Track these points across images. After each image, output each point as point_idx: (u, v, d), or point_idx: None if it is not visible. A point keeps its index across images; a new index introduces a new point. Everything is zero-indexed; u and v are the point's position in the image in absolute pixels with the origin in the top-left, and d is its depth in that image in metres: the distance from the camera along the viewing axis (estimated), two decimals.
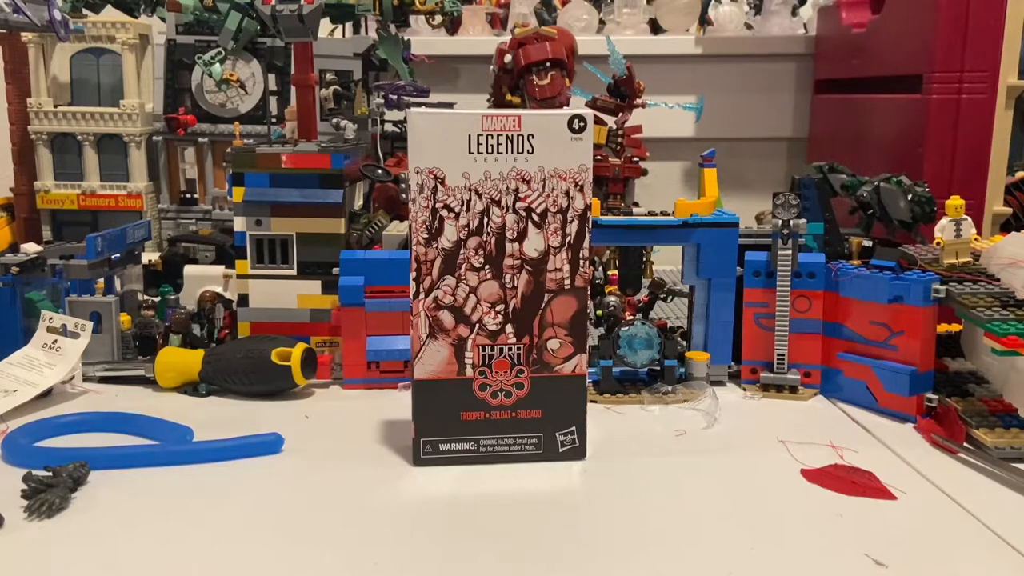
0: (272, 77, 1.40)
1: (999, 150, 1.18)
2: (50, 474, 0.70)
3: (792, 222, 0.92)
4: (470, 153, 0.73)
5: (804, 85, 1.76)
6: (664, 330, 0.96)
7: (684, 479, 0.74)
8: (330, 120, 1.26)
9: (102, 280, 1.04)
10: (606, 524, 0.66)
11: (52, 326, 0.93)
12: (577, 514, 0.68)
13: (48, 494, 0.67)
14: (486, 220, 0.74)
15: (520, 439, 0.77)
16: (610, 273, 1.17)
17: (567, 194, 0.74)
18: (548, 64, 1.17)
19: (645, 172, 1.23)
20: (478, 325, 0.75)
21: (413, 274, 0.74)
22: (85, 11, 1.25)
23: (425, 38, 1.68)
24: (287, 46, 1.31)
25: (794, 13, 1.75)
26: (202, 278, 1.11)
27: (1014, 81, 1.16)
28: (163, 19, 1.35)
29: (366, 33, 1.55)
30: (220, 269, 1.13)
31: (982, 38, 1.16)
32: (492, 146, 0.73)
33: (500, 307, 0.75)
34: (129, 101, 1.41)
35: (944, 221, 0.91)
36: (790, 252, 0.92)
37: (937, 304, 0.86)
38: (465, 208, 0.74)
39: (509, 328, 0.76)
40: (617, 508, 0.69)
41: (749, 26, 1.77)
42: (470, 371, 0.76)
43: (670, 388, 0.92)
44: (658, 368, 0.94)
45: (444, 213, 0.73)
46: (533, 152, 0.73)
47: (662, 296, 1.13)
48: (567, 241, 0.75)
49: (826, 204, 1.04)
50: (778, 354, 0.93)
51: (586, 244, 0.75)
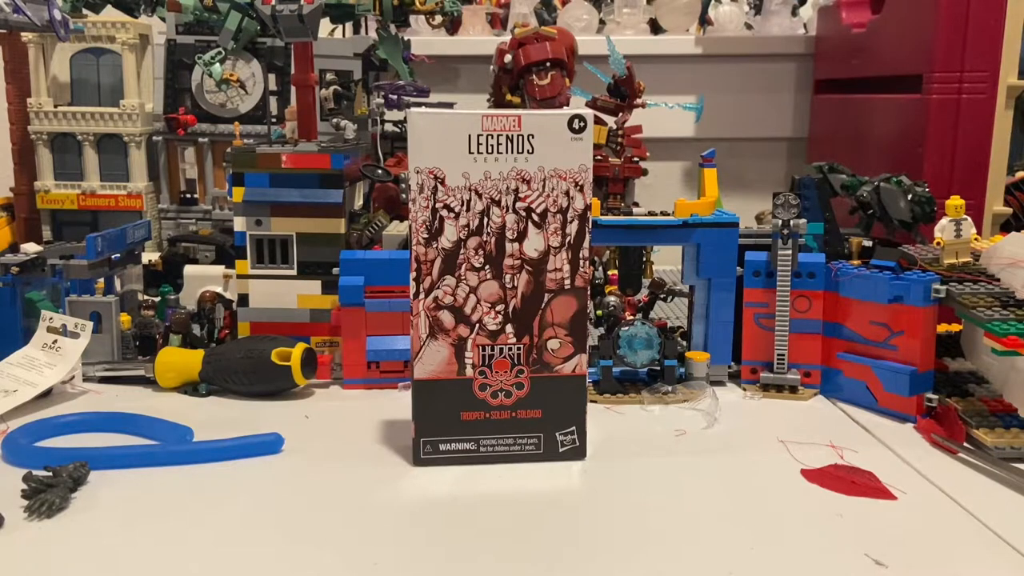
0: (272, 77, 1.40)
1: (999, 150, 1.18)
2: (50, 474, 0.70)
3: (792, 222, 0.92)
4: (470, 153, 0.73)
5: (804, 85, 1.76)
6: (664, 330, 0.96)
7: (684, 479, 0.74)
8: (330, 120, 1.26)
9: (102, 280, 1.04)
10: (606, 524, 0.66)
11: (52, 326, 0.93)
12: (577, 514, 0.68)
13: (48, 494, 0.67)
14: (486, 220, 0.74)
15: (520, 439, 0.77)
16: (610, 273, 1.17)
17: (567, 194, 0.74)
18: (548, 64, 1.17)
19: (645, 172, 1.23)
20: (478, 325, 0.75)
21: (413, 274, 0.74)
22: (85, 11, 1.25)
23: (425, 38, 1.68)
24: (287, 46, 1.31)
25: (794, 13, 1.75)
26: (202, 278, 1.11)
27: (1014, 81, 1.16)
28: (163, 19, 1.35)
29: (366, 33, 1.55)
30: (220, 269, 1.13)
31: (982, 38, 1.16)
32: (492, 146, 0.73)
33: (500, 307, 0.75)
34: (129, 101, 1.41)
35: (944, 221, 0.91)
36: (790, 252, 0.92)
37: (937, 304, 0.86)
38: (465, 208, 0.74)
39: (509, 328, 0.76)
40: (617, 508, 0.69)
41: (749, 26, 1.77)
42: (470, 371, 0.76)
43: (670, 388, 0.92)
44: (658, 368, 0.94)
45: (444, 213, 0.73)
46: (533, 152, 0.73)
47: (662, 296, 1.13)
48: (567, 241, 0.75)
49: (826, 204, 1.04)
50: (778, 354, 0.93)
51: (586, 244, 0.75)
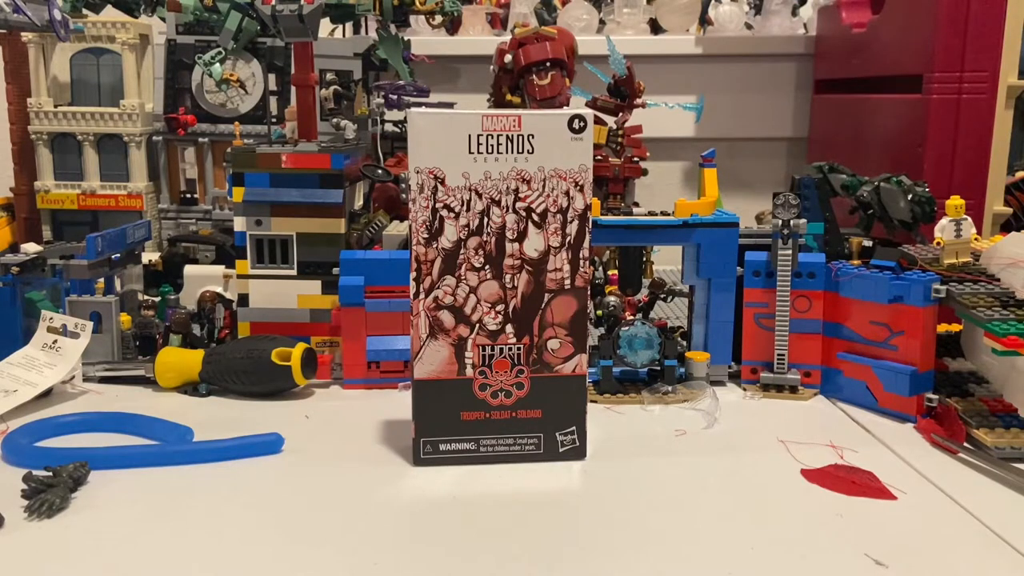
0: (272, 77, 1.40)
1: (999, 150, 1.18)
2: (50, 474, 0.70)
3: (792, 222, 0.92)
4: (470, 153, 0.73)
5: (804, 85, 1.76)
6: (664, 330, 0.96)
7: (684, 479, 0.74)
8: (330, 120, 1.26)
9: (102, 280, 1.04)
10: (606, 524, 0.66)
11: (52, 326, 0.93)
12: (577, 514, 0.68)
13: (48, 494, 0.67)
14: (486, 220, 0.74)
15: (520, 439, 0.77)
16: (610, 273, 1.17)
17: (567, 194, 0.74)
18: (548, 64, 1.17)
19: (645, 172, 1.23)
20: (478, 325, 0.75)
21: (413, 274, 0.74)
22: (85, 11, 1.25)
23: (425, 38, 1.68)
24: (287, 46, 1.31)
25: (794, 13, 1.75)
26: (202, 278, 1.11)
27: (1014, 81, 1.16)
28: (163, 19, 1.35)
29: (366, 33, 1.55)
30: (220, 269, 1.13)
31: (982, 38, 1.16)
32: (492, 146, 0.73)
33: (500, 307, 0.75)
34: (129, 101, 1.41)
35: (944, 221, 0.91)
36: (790, 252, 0.92)
37: (937, 304, 0.86)
38: (465, 208, 0.74)
39: (509, 328, 0.76)
40: (617, 508, 0.69)
41: (749, 26, 1.77)
42: (470, 371, 0.76)
43: (670, 388, 0.92)
44: (658, 368, 0.94)
45: (444, 213, 0.73)
46: (533, 152, 0.73)
47: (662, 296, 1.13)
48: (567, 241, 0.75)
49: (826, 204, 1.04)
50: (778, 354, 0.93)
51: (586, 244, 0.75)
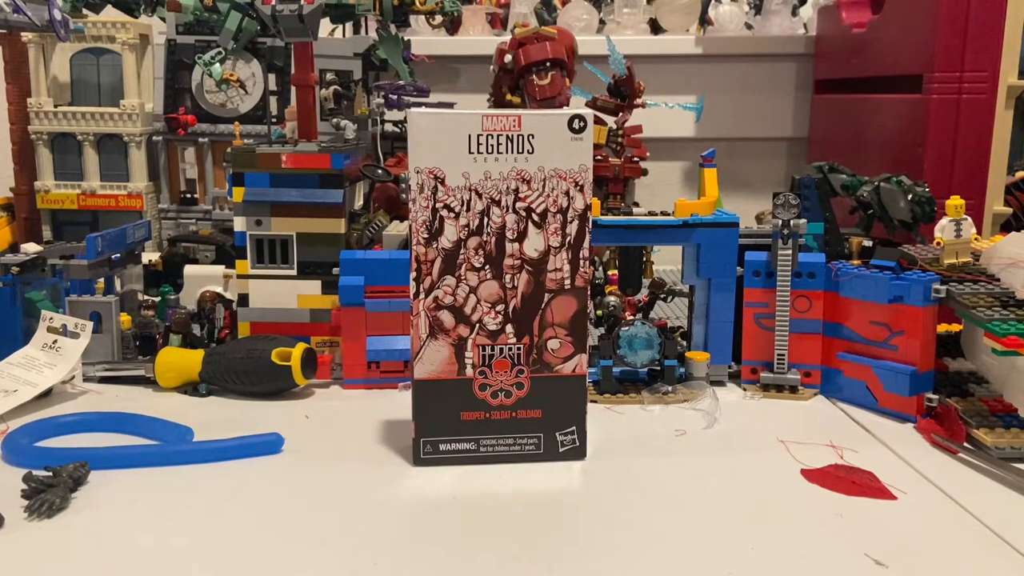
0: (272, 77, 1.40)
1: (999, 150, 1.18)
2: (50, 474, 0.70)
3: (792, 222, 0.92)
4: (470, 153, 0.73)
5: (804, 85, 1.76)
6: (664, 330, 0.96)
7: (684, 479, 0.74)
8: (330, 120, 1.26)
9: (102, 280, 1.04)
10: (606, 524, 0.66)
11: (52, 326, 0.93)
12: (577, 514, 0.68)
13: (48, 494, 0.67)
14: (486, 220, 0.74)
15: (520, 439, 0.77)
16: (610, 273, 1.17)
17: (567, 194, 0.74)
18: (548, 64, 1.17)
19: (645, 172, 1.23)
20: (478, 325, 0.75)
21: (413, 274, 0.74)
22: (85, 11, 1.25)
23: (425, 38, 1.68)
24: (287, 46, 1.31)
25: (794, 13, 1.75)
26: (202, 278, 1.11)
27: (1014, 81, 1.16)
28: (163, 19, 1.35)
29: (366, 33, 1.55)
30: (220, 269, 1.13)
31: (982, 38, 1.16)
32: (492, 146, 0.73)
33: (500, 307, 0.75)
34: (129, 101, 1.41)
35: (944, 221, 0.91)
36: (790, 252, 0.92)
37: (937, 304, 0.86)
38: (465, 208, 0.74)
39: (509, 328, 0.76)
40: (617, 508, 0.69)
41: (749, 26, 1.77)
42: (470, 371, 0.76)
43: (670, 388, 0.92)
44: (658, 368, 0.94)
45: (444, 213, 0.73)
46: (533, 152, 0.73)
47: (662, 296, 1.13)
48: (567, 241, 0.75)
49: (826, 204, 1.04)
50: (778, 354, 0.93)
51: (586, 244, 0.75)
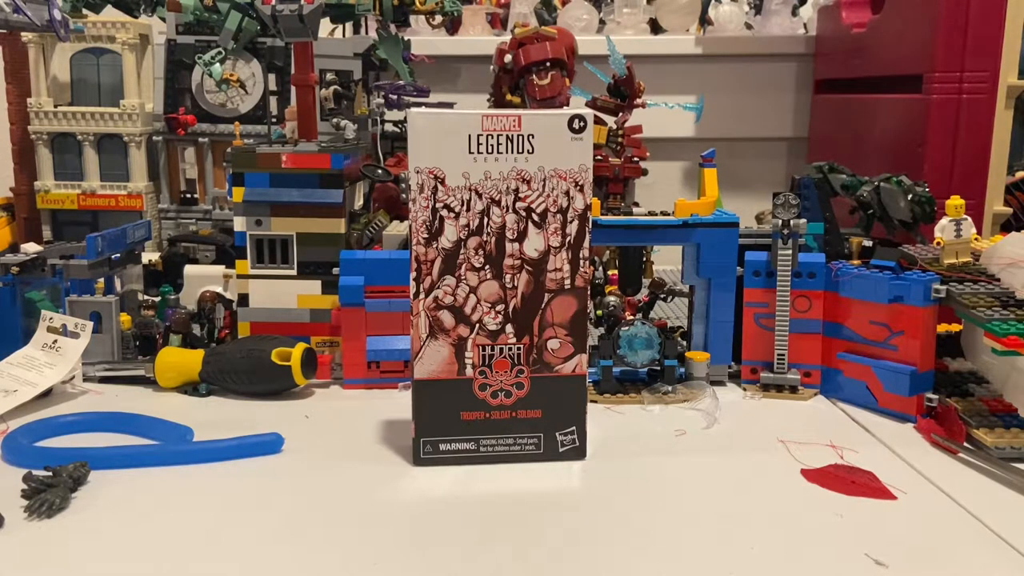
0: (272, 77, 1.40)
1: (999, 150, 1.18)
2: (50, 474, 0.70)
3: (792, 222, 0.92)
4: (470, 153, 0.73)
5: (804, 85, 1.76)
6: (664, 330, 0.96)
7: (684, 479, 0.74)
8: (330, 120, 1.26)
9: (102, 280, 1.04)
10: (606, 524, 0.66)
11: (52, 326, 0.93)
12: (577, 514, 0.68)
13: (48, 494, 0.67)
14: (486, 220, 0.74)
15: (520, 439, 0.77)
16: (610, 273, 1.17)
17: (567, 194, 0.74)
18: (548, 64, 1.17)
19: (645, 172, 1.22)
20: (478, 325, 0.75)
21: (413, 274, 0.74)
22: (85, 11, 1.25)
23: (425, 38, 1.68)
24: (287, 46, 1.31)
25: (794, 13, 1.75)
26: (202, 278, 1.11)
27: (1014, 81, 1.16)
28: (163, 19, 1.35)
29: (366, 33, 1.55)
30: (220, 269, 1.13)
31: (982, 38, 1.16)
32: (492, 146, 0.73)
33: (500, 307, 0.75)
34: (129, 101, 1.41)
35: (944, 221, 0.91)
36: (790, 252, 0.92)
37: (937, 304, 0.86)
38: (465, 208, 0.74)
39: (509, 328, 0.76)
40: (617, 508, 0.69)
41: (749, 26, 1.77)
42: (470, 371, 0.76)
43: (670, 388, 0.92)
44: (658, 368, 0.94)
45: (444, 213, 0.73)
46: (533, 152, 0.73)
47: (662, 296, 1.13)
48: (567, 241, 0.75)
49: (826, 204, 1.04)
50: (778, 354, 0.93)
51: (586, 244, 0.75)
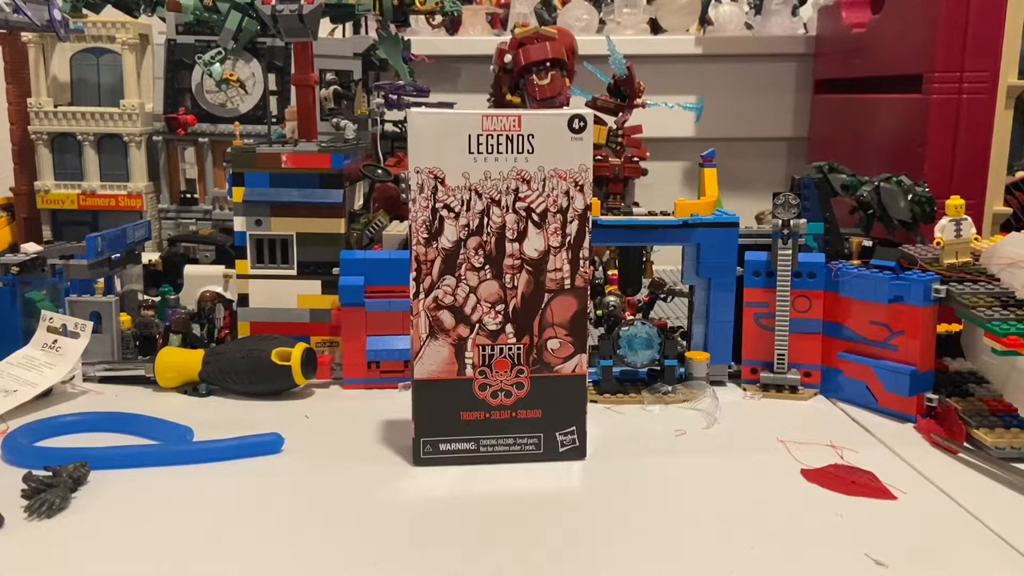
0: (272, 77, 1.40)
1: (999, 150, 1.18)
2: (50, 474, 0.70)
3: (792, 222, 0.92)
4: (470, 153, 0.73)
5: (804, 85, 1.76)
6: (664, 330, 0.96)
7: (684, 479, 0.74)
8: (330, 120, 1.26)
9: (102, 280, 1.04)
10: (606, 524, 0.66)
11: (52, 326, 0.93)
12: (577, 514, 0.68)
13: (48, 494, 0.67)
14: (486, 220, 0.74)
15: (520, 439, 0.77)
16: (610, 273, 1.17)
17: (567, 194, 0.74)
18: (548, 64, 1.17)
19: (645, 172, 1.22)
20: (478, 325, 0.75)
21: (413, 274, 0.74)
22: (85, 11, 1.25)
23: (425, 38, 1.68)
24: (287, 46, 1.31)
25: (794, 13, 1.75)
26: (202, 278, 1.11)
27: (1014, 81, 1.16)
28: (163, 19, 1.35)
29: (366, 33, 1.55)
30: (220, 269, 1.13)
31: (982, 38, 1.16)
32: (492, 146, 0.73)
33: (500, 307, 0.75)
34: (129, 101, 1.41)
35: (944, 221, 0.91)
36: (790, 252, 0.92)
37: (937, 304, 0.86)
38: (465, 208, 0.74)
39: (509, 328, 0.76)
40: (617, 508, 0.69)
41: (749, 26, 1.77)
42: (470, 371, 0.76)
43: (670, 388, 0.92)
44: (658, 368, 0.94)
45: (444, 213, 0.73)
46: (533, 152, 0.73)
47: (662, 296, 1.13)
48: (567, 241, 0.75)
49: (826, 204, 1.04)
50: (778, 354, 0.93)
51: (586, 244, 0.75)
